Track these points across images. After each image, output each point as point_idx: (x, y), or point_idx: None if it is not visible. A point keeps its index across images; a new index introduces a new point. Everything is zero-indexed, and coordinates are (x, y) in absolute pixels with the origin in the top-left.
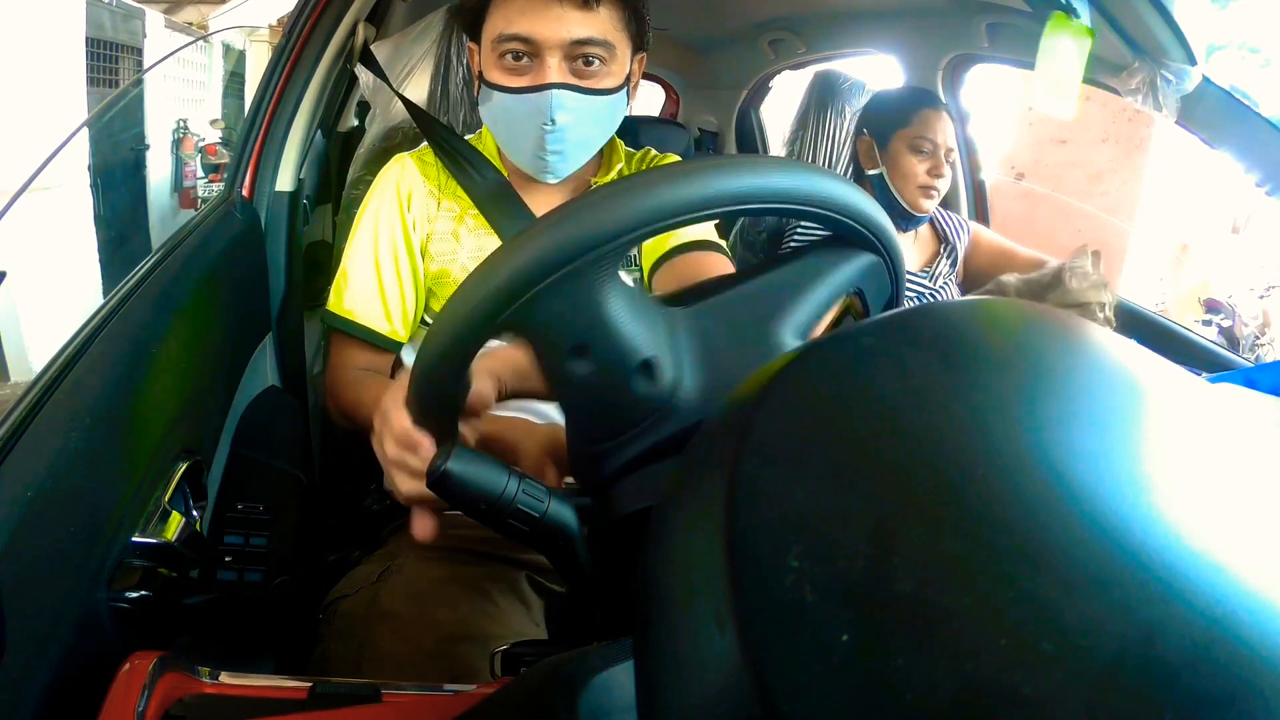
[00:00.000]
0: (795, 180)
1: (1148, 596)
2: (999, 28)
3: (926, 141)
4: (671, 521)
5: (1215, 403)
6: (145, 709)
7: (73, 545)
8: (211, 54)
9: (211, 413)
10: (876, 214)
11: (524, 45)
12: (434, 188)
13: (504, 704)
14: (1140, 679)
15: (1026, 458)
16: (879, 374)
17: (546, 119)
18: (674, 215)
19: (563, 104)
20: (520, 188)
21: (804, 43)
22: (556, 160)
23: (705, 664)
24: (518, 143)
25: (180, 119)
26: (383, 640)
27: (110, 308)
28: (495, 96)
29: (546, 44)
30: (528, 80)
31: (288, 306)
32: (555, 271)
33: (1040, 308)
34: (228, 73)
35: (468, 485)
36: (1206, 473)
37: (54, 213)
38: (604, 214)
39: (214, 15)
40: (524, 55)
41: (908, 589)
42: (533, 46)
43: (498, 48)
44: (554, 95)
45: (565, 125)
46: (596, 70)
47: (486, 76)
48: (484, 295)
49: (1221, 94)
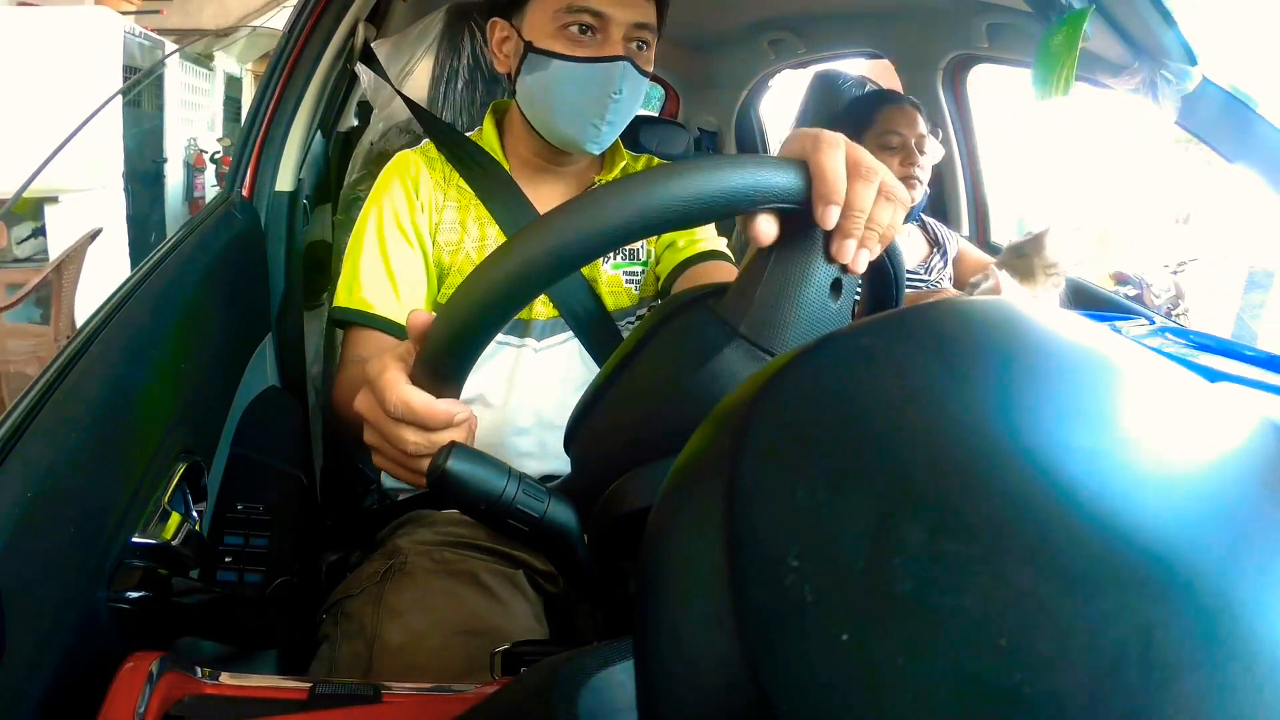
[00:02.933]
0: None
1: (1148, 596)
2: (999, 28)
3: (893, 135)
4: (671, 521)
5: (1215, 402)
6: (145, 709)
7: (73, 545)
8: (215, 80)
9: (211, 413)
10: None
11: (594, 19)
12: (439, 180)
13: (504, 704)
14: (1140, 679)
15: (1026, 456)
16: (878, 374)
17: (616, 88)
18: (685, 211)
19: (628, 75)
20: (523, 182)
21: (804, 43)
22: (609, 130)
23: (705, 664)
24: (573, 110)
25: (191, 138)
26: (392, 638)
27: (110, 308)
28: (555, 65)
29: (615, 20)
30: (592, 51)
31: (288, 306)
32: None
33: (1040, 307)
34: (228, 97)
35: (467, 485)
36: (1206, 471)
37: (105, 207)
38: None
39: (218, 48)
40: (589, 29)
41: (907, 589)
42: (602, 21)
43: (563, 18)
44: (625, 66)
45: (626, 96)
46: (644, 54)
47: (540, 45)
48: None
49: (1221, 94)
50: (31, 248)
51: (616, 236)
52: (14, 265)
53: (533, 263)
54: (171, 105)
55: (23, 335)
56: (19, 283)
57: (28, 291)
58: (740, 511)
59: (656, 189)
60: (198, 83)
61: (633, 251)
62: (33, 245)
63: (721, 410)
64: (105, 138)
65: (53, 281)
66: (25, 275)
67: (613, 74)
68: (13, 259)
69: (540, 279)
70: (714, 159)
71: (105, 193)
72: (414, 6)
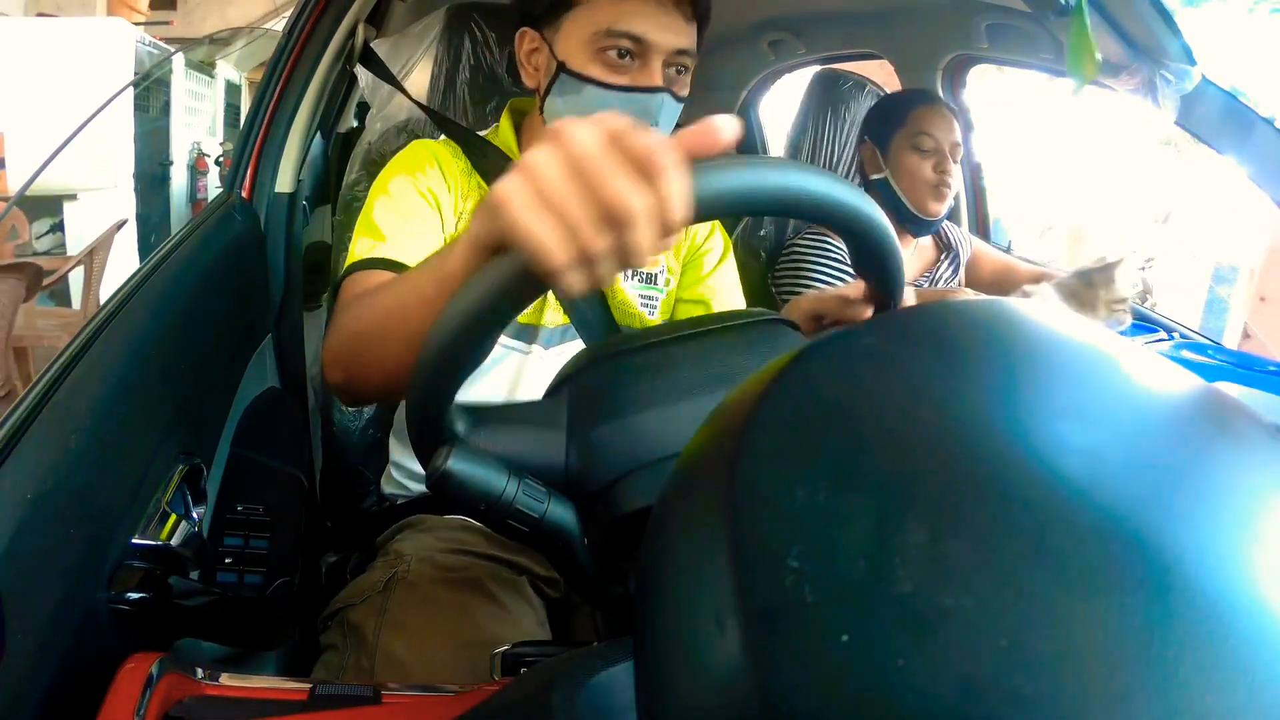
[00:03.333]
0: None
1: (1148, 596)
2: (999, 28)
3: (927, 138)
4: (671, 521)
5: (1214, 402)
6: (145, 710)
7: (73, 546)
8: (216, 86)
9: (211, 414)
10: (874, 212)
11: (634, 44)
12: (465, 170)
13: (504, 704)
14: (1140, 679)
15: (1026, 457)
16: (879, 374)
17: (653, 120)
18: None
19: (665, 107)
20: None
21: (804, 43)
22: None
23: (705, 664)
24: None
25: (194, 141)
26: (396, 650)
27: (110, 308)
28: (589, 90)
29: (656, 47)
30: (628, 79)
31: (288, 307)
32: None
33: (1039, 307)
34: (228, 104)
35: (467, 485)
36: (1207, 471)
37: (117, 205)
38: None
39: (219, 56)
40: (629, 54)
41: (908, 589)
42: (642, 47)
43: (600, 41)
44: (663, 98)
45: (661, 128)
46: (682, 79)
47: (574, 68)
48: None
49: (1221, 94)
50: (50, 241)
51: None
52: (36, 257)
53: None
54: (177, 110)
55: (51, 317)
56: (51, 269)
57: (64, 272)
58: (741, 512)
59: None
60: (200, 89)
61: (650, 275)
62: (51, 239)
63: (722, 411)
64: (118, 139)
65: (85, 266)
66: (53, 263)
67: (651, 106)
68: (32, 252)
69: None
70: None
71: (117, 192)
72: (414, 6)
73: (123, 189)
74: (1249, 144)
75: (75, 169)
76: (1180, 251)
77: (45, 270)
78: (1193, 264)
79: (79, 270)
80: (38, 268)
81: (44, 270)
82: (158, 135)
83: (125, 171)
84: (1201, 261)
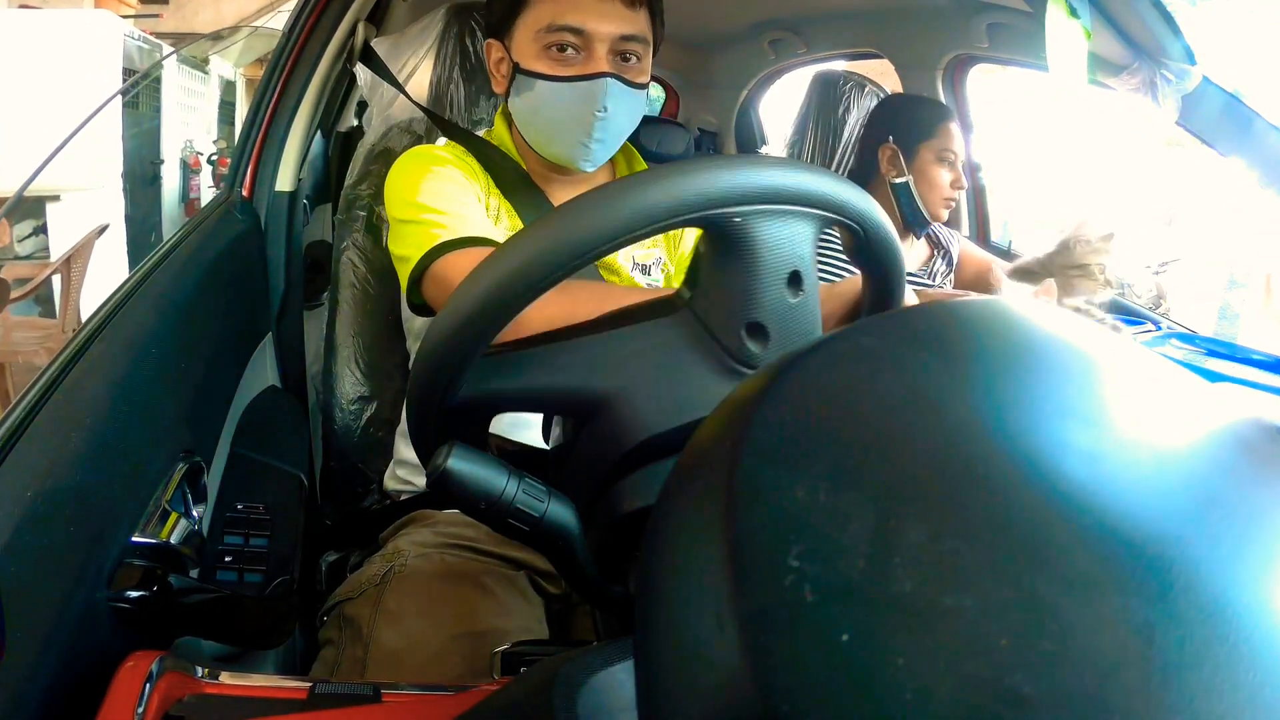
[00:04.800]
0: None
1: (1148, 596)
2: (999, 28)
3: (951, 153)
4: (671, 521)
5: (1214, 401)
6: (145, 709)
7: (73, 545)
8: (210, 83)
9: (211, 413)
10: (877, 214)
11: (575, 37)
12: (477, 168)
13: (504, 704)
14: (1140, 679)
15: (1026, 457)
16: (879, 373)
17: (600, 105)
18: (687, 210)
19: (613, 92)
20: (539, 181)
21: (804, 43)
22: (599, 147)
23: (705, 664)
24: (561, 130)
25: (187, 139)
26: (390, 642)
27: (110, 308)
28: (540, 85)
29: (597, 36)
30: (576, 70)
31: (288, 306)
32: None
33: (1039, 306)
34: (223, 101)
35: (467, 484)
36: (1206, 471)
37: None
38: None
39: (213, 52)
40: (570, 47)
41: (908, 589)
42: (583, 38)
43: (544, 38)
44: (608, 83)
45: (613, 113)
46: (634, 66)
47: (526, 67)
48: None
49: (1221, 94)
50: (33, 245)
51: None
52: (16, 262)
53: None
54: (169, 108)
55: (31, 329)
56: (26, 277)
57: (38, 283)
58: (741, 511)
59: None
60: (193, 85)
61: (645, 267)
62: (34, 243)
63: (722, 410)
64: (105, 138)
65: (62, 274)
66: (31, 270)
67: (595, 92)
68: (14, 256)
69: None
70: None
71: (104, 192)
72: (414, 6)
73: (111, 189)
74: (1250, 145)
75: (59, 169)
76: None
77: (20, 279)
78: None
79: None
80: (5, 284)
81: (12, 285)
82: (149, 133)
83: (113, 171)
84: (1216, 266)
